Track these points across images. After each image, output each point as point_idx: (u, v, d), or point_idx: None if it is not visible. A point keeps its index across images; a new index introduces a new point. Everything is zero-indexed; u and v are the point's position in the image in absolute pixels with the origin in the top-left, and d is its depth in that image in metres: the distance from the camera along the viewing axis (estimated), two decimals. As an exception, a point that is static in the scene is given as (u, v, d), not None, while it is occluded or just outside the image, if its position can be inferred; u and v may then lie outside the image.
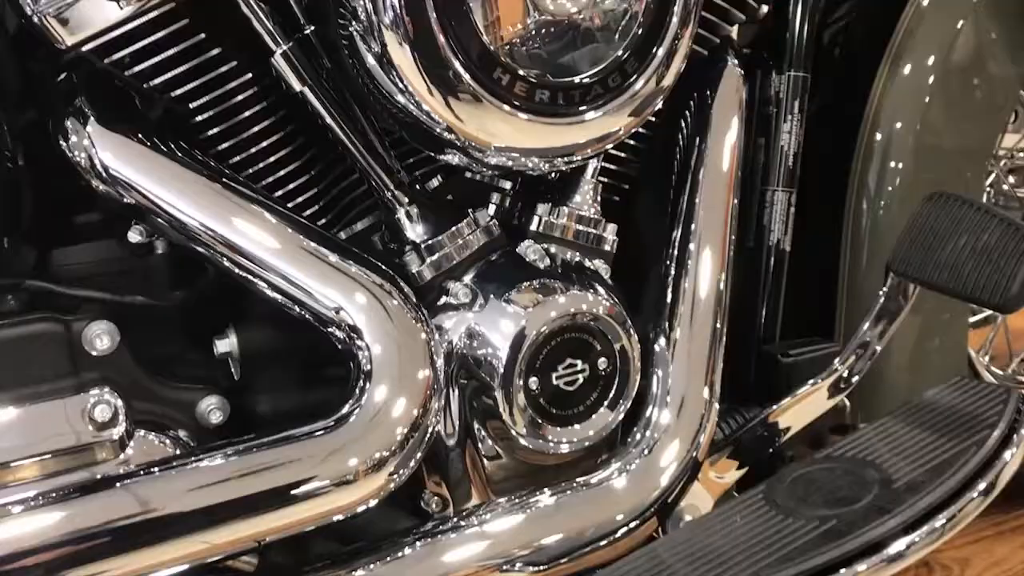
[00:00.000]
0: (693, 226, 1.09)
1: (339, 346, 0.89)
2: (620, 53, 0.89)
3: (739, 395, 1.17)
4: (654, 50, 0.91)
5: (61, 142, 0.89)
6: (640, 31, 0.90)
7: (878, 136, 1.31)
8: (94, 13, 0.83)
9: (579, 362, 0.95)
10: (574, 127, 0.90)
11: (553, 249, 1.00)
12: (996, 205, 1.65)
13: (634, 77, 0.91)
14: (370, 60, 0.86)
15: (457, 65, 0.84)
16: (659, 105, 0.96)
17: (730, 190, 1.12)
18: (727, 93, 1.13)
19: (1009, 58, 1.37)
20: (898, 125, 1.31)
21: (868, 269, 1.33)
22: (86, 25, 0.84)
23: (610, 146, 0.95)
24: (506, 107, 0.86)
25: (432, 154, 0.95)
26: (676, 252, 1.09)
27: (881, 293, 1.07)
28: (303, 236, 0.89)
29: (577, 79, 0.88)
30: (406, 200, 0.97)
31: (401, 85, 0.85)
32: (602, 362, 0.96)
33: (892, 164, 1.32)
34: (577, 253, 1.02)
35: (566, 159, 0.93)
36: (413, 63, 0.84)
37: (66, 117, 0.89)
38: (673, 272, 1.09)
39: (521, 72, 0.86)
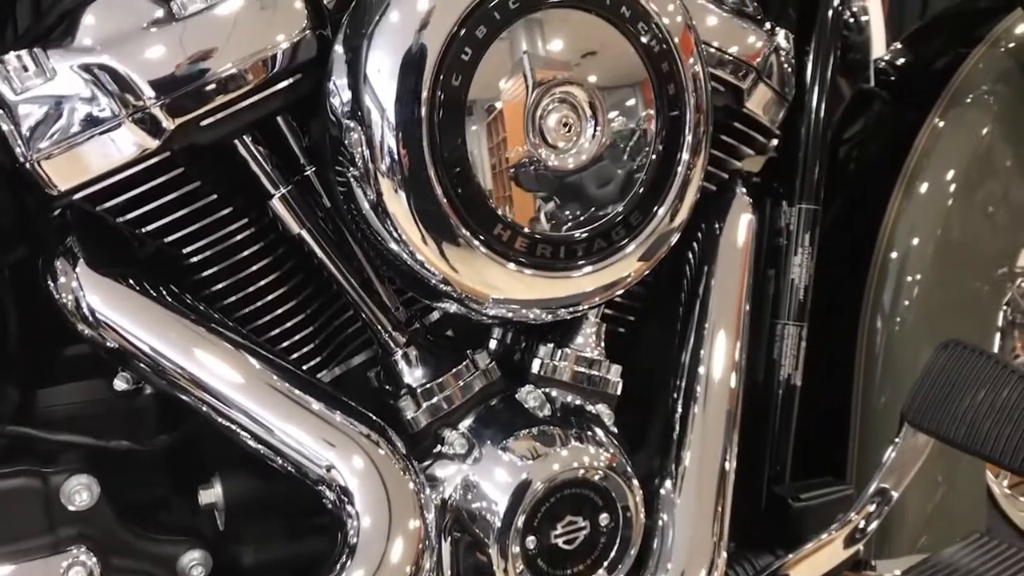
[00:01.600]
0: (701, 360, 1.06)
1: (326, 504, 0.85)
2: (621, 209, 0.87)
3: (748, 537, 1.12)
4: (655, 208, 0.88)
5: (49, 282, 0.87)
6: (642, 188, 0.87)
7: (894, 254, 1.29)
8: (87, 161, 0.82)
9: (579, 519, 0.91)
10: (580, 278, 0.87)
11: (554, 393, 0.97)
12: (1014, 323, 1.61)
13: (640, 227, 0.88)
14: (365, 206, 0.84)
15: (455, 219, 0.82)
16: (670, 247, 0.93)
17: (739, 323, 1.09)
18: (736, 223, 1.11)
19: (1027, 177, 1.35)
20: (915, 241, 1.29)
21: (882, 387, 1.30)
22: (79, 173, 0.82)
23: (619, 292, 0.93)
24: (508, 264, 0.83)
25: (428, 303, 0.92)
26: (684, 385, 1.06)
27: (896, 441, 1.03)
28: (292, 386, 0.86)
29: (578, 234, 0.85)
30: (403, 341, 0.94)
31: (396, 234, 0.83)
32: (603, 518, 0.92)
33: (909, 279, 1.29)
34: (579, 397, 0.98)
35: (571, 309, 0.90)
36: (408, 212, 0.82)
37: (56, 257, 0.87)
38: (680, 408, 1.06)
39: (524, 228, 0.83)
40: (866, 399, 1.31)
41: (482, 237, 0.82)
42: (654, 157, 0.88)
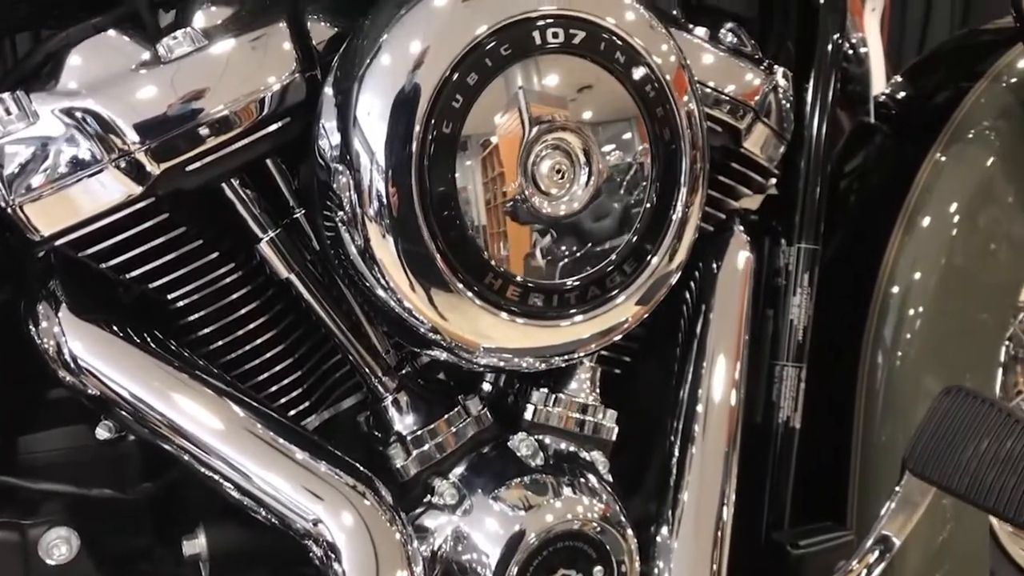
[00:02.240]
0: (698, 401, 1.04)
1: (312, 558, 0.83)
2: (617, 254, 0.85)
3: (745, 585, 1.10)
4: (652, 250, 0.86)
5: (31, 326, 0.85)
6: (638, 231, 0.85)
7: (895, 289, 1.27)
8: (69, 206, 0.80)
9: (572, 572, 0.89)
10: (575, 326, 0.85)
11: (547, 440, 0.95)
12: (1016, 358, 1.59)
13: (636, 271, 0.86)
14: (352, 251, 0.82)
15: (444, 266, 0.80)
16: (669, 288, 0.91)
17: (737, 364, 1.07)
18: (734, 262, 1.09)
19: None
20: (917, 275, 1.27)
21: (883, 423, 1.27)
22: (61, 218, 0.80)
23: (618, 338, 0.90)
24: (500, 313, 0.81)
25: (417, 350, 0.90)
26: (681, 427, 1.04)
27: (897, 489, 1.00)
28: (277, 436, 0.84)
29: (572, 282, 0.83)
30: (393, 387, 0.92)
31: (383, 281, 0.81)
32: (597, 571, 0.90)
33: (911, 312, 1.27)
34: (573, 443, 0.96)
35: (566, 357, 0.88)
36: (396, 259, 0.80)
37: (39, 300, 0.85)
38: (677, 451, 1.04)
39: (516, 277, 0.81)
40: (866, 436, 1.28)
41: (472, 286, 0.80)
42: (650, 199, 0.86)
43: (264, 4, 0.86)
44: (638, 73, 0.83)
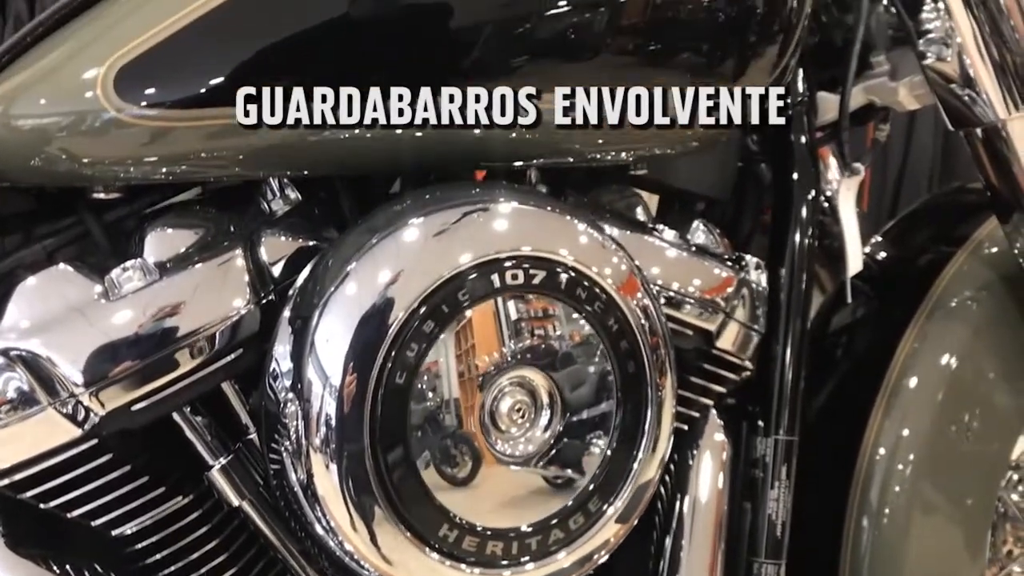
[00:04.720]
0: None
1: None
2: (569, 504, 0.81)
3: None
4: (620, 486, 0.83)
5: None
6: (602, 472, 0.82)
7: (881, 451, 1.23)
8: (7, 449, 0.77)
9: None
10: (542, 567, 0.81)
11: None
12: (1006, 515, 1.55)
13: (605, 505, 0.83)
14: (294, 483, 0.78)
15: (391, 514, 0.76)
16: (652, 493, 0.87)
17: (714, 561, 1.04)
18: (709, 449, 1.06)
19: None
20: (905, 432, 1.23)
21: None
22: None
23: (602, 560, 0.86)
24: (459, 564, 0.77)
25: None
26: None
27: None
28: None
29: (530, 527, 0.80)
30: (349, 609, 0.88)
31: (324, 521, 0.77)
32: None
33: (899, 466, 1.23)
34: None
35: None
36: (340, 496, 0.76)
37: (-25, 530, 0.81)
38: (652, 656, 0.99)
39: (475, 526, 0.78)
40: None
41: (424, 538, 0.77)
42: (616, 422, 0.83)
43: (224, 226, 0.84)
44: (597, 304, 0.81)
